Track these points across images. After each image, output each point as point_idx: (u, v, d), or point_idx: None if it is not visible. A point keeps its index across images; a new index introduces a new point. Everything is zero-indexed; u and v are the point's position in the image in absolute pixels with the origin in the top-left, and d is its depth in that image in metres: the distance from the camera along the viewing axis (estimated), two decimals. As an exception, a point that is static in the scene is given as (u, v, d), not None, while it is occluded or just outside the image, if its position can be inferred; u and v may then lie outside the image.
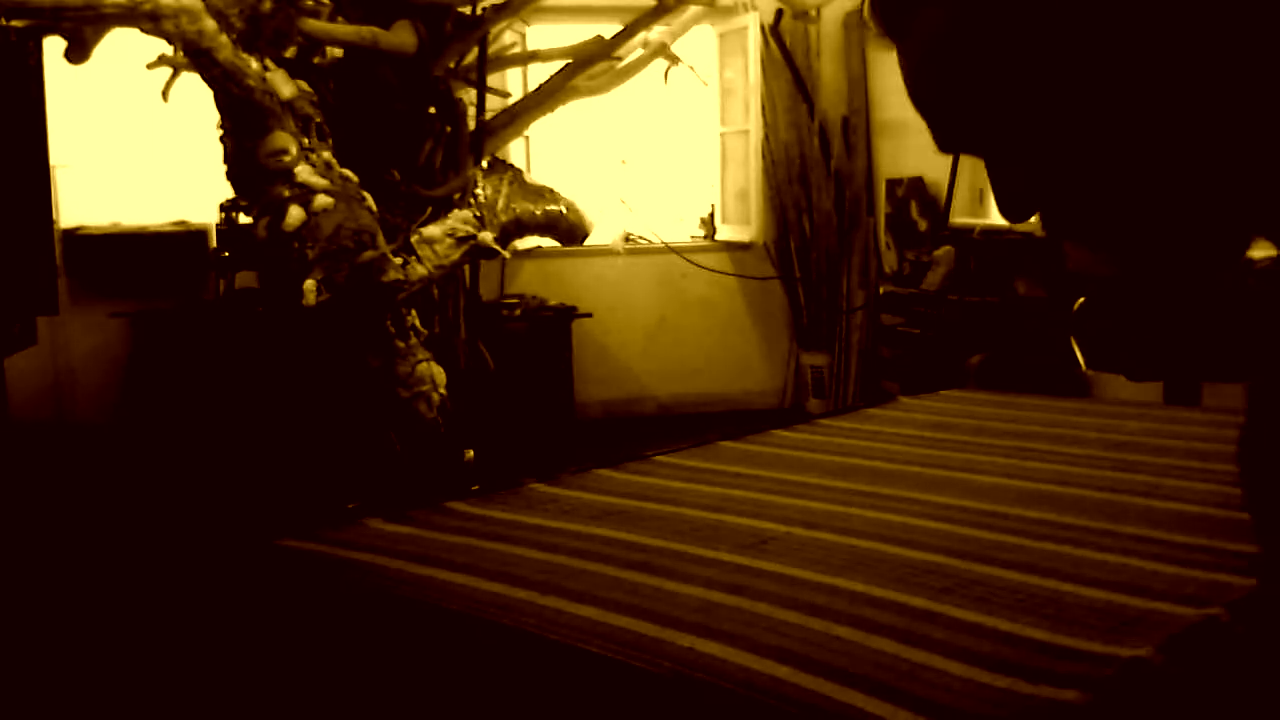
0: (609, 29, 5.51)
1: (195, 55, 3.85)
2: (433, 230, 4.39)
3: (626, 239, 7.49)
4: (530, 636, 1.91)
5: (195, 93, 4.32)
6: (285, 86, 3.97)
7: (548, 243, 6.59)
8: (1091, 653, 1.75)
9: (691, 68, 6.09)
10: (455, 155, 4.91)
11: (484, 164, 5.27)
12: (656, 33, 5.74)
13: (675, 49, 5.84)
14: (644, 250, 7.44)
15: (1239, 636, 1.92)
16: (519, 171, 5.79)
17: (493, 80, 5.65)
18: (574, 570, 2.17)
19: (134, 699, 3.38)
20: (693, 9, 5.78)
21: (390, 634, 2.14)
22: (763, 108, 7.13)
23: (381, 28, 4.52)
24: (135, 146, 6.23)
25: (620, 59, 5.59)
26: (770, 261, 7.41)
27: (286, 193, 3.89)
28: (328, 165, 4.02)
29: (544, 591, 2.05)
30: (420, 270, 4.25)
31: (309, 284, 3.86)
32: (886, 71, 7.18)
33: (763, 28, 7.11)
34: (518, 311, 6.49)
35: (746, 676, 1.70)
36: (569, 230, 5.96)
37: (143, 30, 3.78)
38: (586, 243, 6.39)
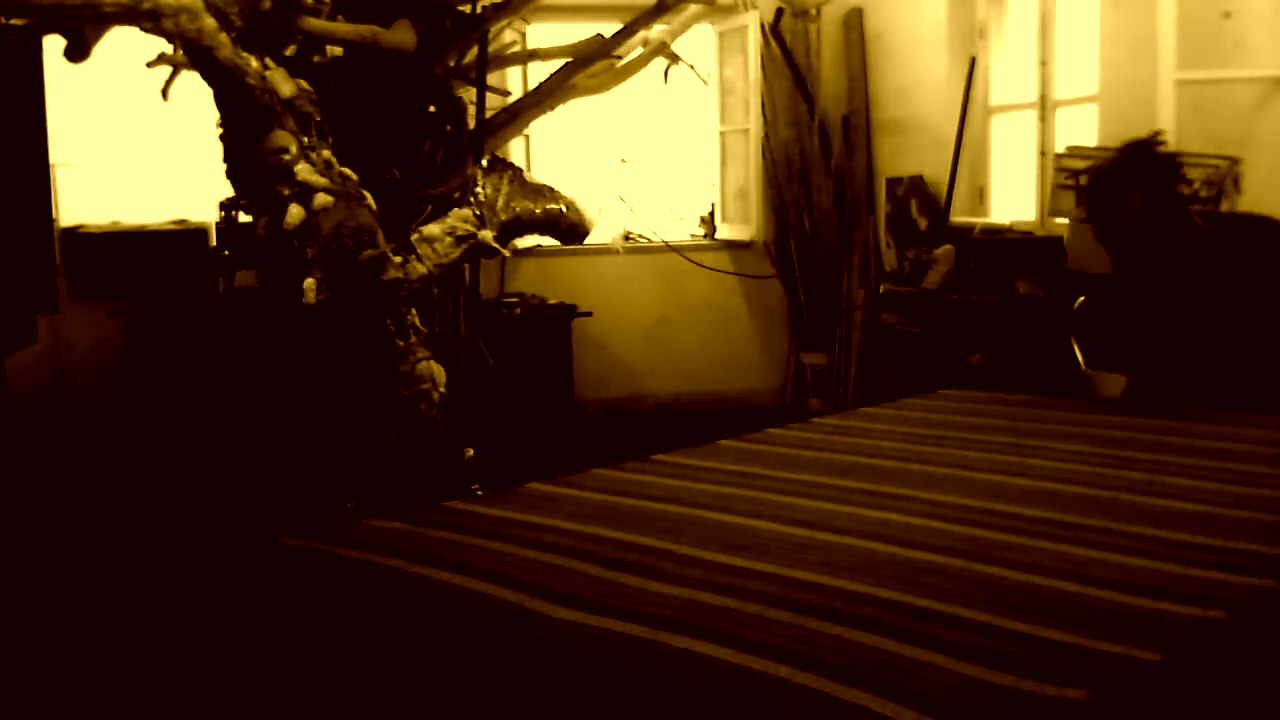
0: (609, 28, 5.51)
1: (195, 53, 3.85)
2: (433, 229, 4.39)
3: (626, 238, 7.49)
4: (526, 638, 1.91)
5: (195, 91, 4.32)
6: (285, 85, 3.97)
7: (548, 241, 6.60)
8: (1095, 651, 1.75)
9: (691, 66, 6.08)
10: (455, 154, 4.91)
11: (484, 162, 5.27)
12: (656, 31, 5.74)
13: (675, 48, 5.84)
14: (644, 249, 7.44)
15: (1242, 636, 1.92)
16: (519, 170, 5.79)
17: (492, 79, 5.65)
18: (567, 570, 2.17)
19: (133, 697, 3.38)
20: (692, 8, 5.78)
21: (386, 633, 2.14)
22: (762, 106, 7.13)
23: (381, 26, 4.52)
24: (135, 145, 6.23)
25: (620, 58, 5.59)
26: (770, 260, 7.42)
27: (286, 191, 3.89)
28: (327, 164, 4.02)
29: (535, 593, 2.05)
30: (420, 269, 4.25)
31: (309, 282, 3.86)
32: (886, 70, 7.19)
33: (763, 26, 7.11)
34: (518, 310, 6.49)
35: (745, 677, 1.70)
36: (569, 229, 5.96)
37: (142, 29, 3.78)
38: (586, 241, 6.39)
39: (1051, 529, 2.36)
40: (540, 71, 5.85)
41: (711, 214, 7.70)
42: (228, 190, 4.47)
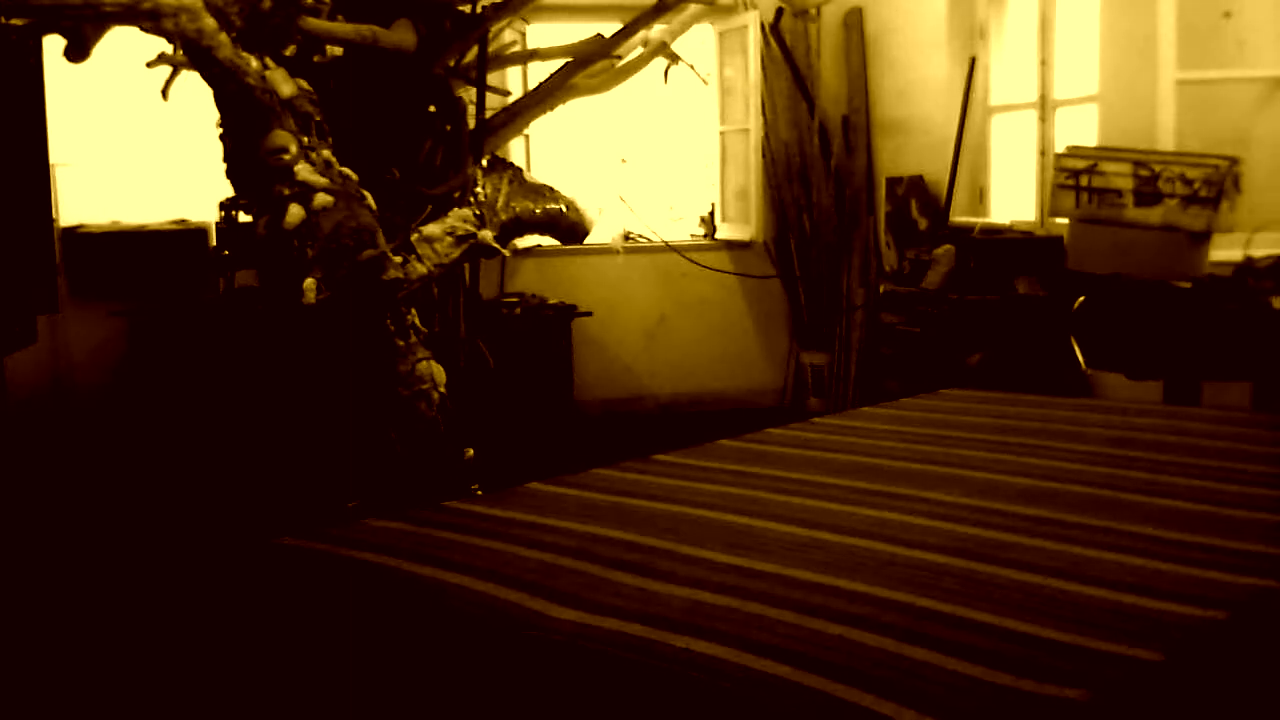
0: (609, 27, 5.51)
1: (195, 53, 3.85)
2: (433, 229, 4.39)
3: (626, 237, 7.49)
4: (526, 638, 1.91)
5: (195, 91, 4.32)
6: (285, 85, 3.97)
7: (548, 241, 6.60)
8: (1095, 651, 1.76)
9: (691, 66, 6.09)
10: (455, 154, 4.91)
11: (484, 162, 5.27)
12: (656, 31, 5.74)
13: (675, 47, 5.84)
14: (644, 249, 7.44)
15: (1242, 636, 1.92)
16: (519, 170, 5.79)
17: (492, 79, 5.65)
18: (567, 570, 2.17)
19: (134, 697, 3.38)
20: (693, 7, 5.78)
21: (386, 633, 2.14)
22: (762, 106, 7.13)
23: (381, 26, 4.52)
24: (135, 145, 6.23)
25: (620, 57, 5.59)
26: (770, 260, 7.42)
27: (286, 191, 3.89)
28: (327, 164, 4.02)
29: (535, 593, 2.05)
30: (420, 269, 4.25)
31: (309, 282, 3.86)
32: (886, 70, 7.19)
33: (763, 26, 7.11)
34: (518, 310, 6.49)
35: (746, 676, 1.70)
36: (569, 229, 5.96)
37: (142, 29, 3.78)
38: (586, 241, 6.39)
39: (1052, 528, 2.36)
40: (540, 71, 5.85)
41: (711, 214, 7.70)
42: (228, 190, 4.47)
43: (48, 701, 3.41)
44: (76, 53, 4.21)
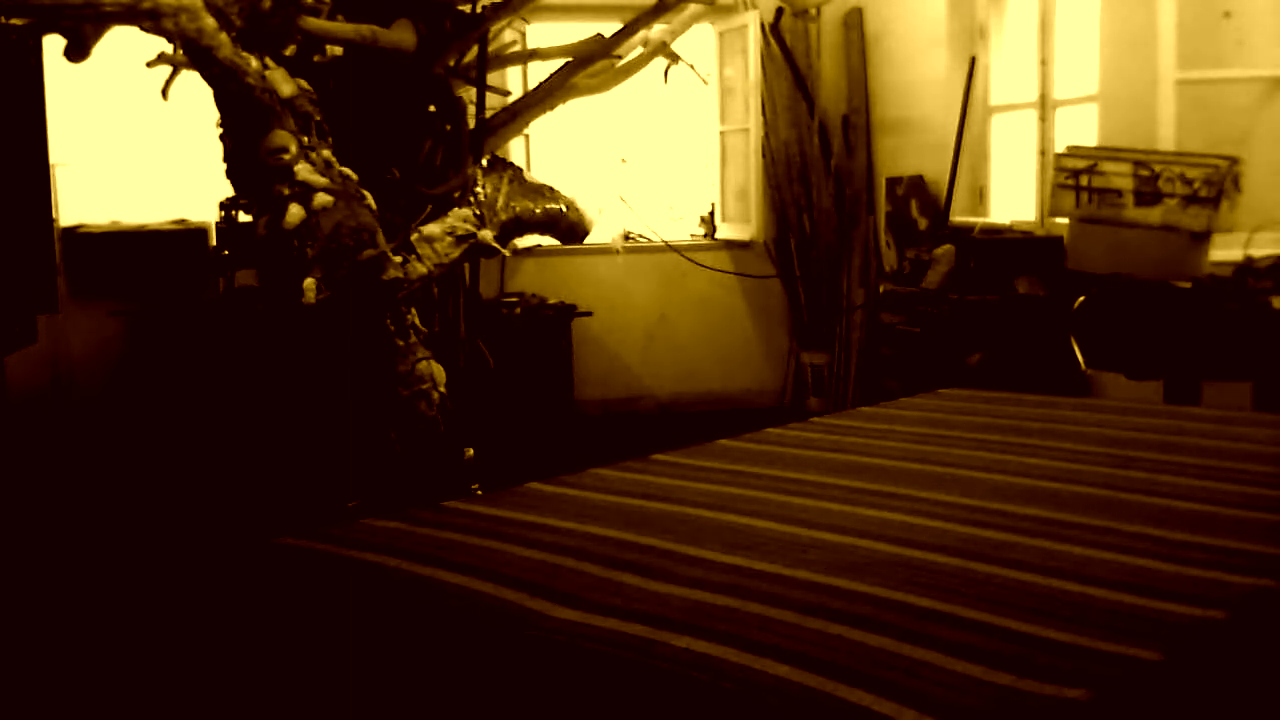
0: (609, 27, 5.51)
1: (195, 53, 3.85)
2: (433, 228, 4.39)
3: (626, 237, 7.49)
4: (526, 638, 1.91)
5: (195, 91, 4.33)
6: (285, 84, 3.97)
7: (548, 241, 6.59)
8: (1095, 651, 1.76)
9: (691, 66, 6.08)
10: (455, 153, 4.91)
11: (484, 162, 5.27)
12: (656, 31, 5.74)
13: (675, 47, 5.84)
14: (644, 249, 7.44)
15: (1241, 636, 1.92)
16: (519, 170, 5.78)
17: (493, 78, 5.65)
18: (567, 570, 2.17)
19: (133, 697, 3.38)
20: (692, 7, 5.77)
21: (386, 633, 2.14)
22: (762, 106, 7.13)
23: (381, 26, 4.52)
24: (135, 145, 6.23)
25: (620, 57, 5.59)
26: (770, 260, 7.42)
27: (286, 191, 3.89)
28: (327, 163, 4.02)
29: (535, 593, 2.05)
30: (420, 268, 4.25)
31: (309, 282, 3.86)
32: (886, 70, 7.19)
33: (763, 26, 7.11)
34: (518, 310, 6.49)
35: (746, 676, 1.70)
36: (569, 228, 5.95)
37: (142, 28, 3.78)
38: (586, 241, 6.39)
39: (1051, 528, 2.36)
40: (540, 71, 5.85)
41: (711, 214, 7.70)
42: (228, 190, 4.47)
43: (48, 701, 3.41)
44: (76, 53, 4.21)
